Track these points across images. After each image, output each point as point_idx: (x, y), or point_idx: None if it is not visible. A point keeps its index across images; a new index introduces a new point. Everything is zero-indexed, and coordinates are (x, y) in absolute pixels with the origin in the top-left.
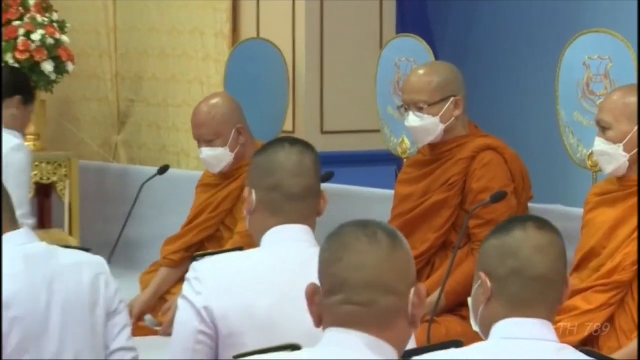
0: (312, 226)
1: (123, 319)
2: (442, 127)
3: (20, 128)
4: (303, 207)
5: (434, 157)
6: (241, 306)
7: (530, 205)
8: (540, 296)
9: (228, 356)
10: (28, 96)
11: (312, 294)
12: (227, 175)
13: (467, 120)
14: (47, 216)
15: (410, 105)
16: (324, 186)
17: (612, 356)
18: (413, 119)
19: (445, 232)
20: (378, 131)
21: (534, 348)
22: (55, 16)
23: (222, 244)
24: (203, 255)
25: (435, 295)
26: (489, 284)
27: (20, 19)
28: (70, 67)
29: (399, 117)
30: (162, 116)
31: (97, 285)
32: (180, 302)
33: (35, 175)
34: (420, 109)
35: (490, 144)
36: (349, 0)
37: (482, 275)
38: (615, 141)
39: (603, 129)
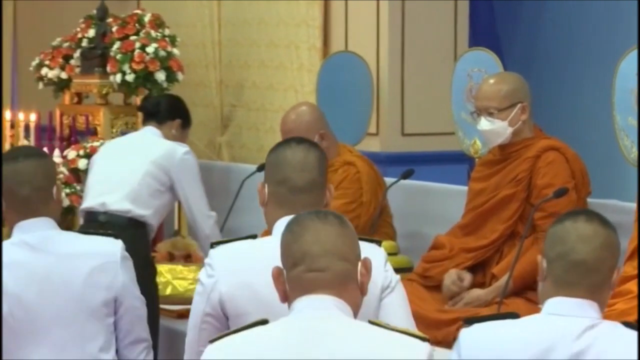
0: None
1: (132, 309)
2: (510, 130)
3: None
4: (307, 199)
5: (503, 156)
6: (244, 286)
7: (589, 200)
8: (581, 279)
9: None
10: (186, 121)
11: (278, 275)
12: None
13: (532, 123)
14: None
15: (482, 111)
16: (405, 182)
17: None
18: (485, 123)
19: (513, 224)
20: (452, 133)
21: (572, 322)
22: (167, 31)
23: None
24: (219, 243)
25: (504, 279)
26: (544, 265)
27: (137, 34)
28: (180, 76)
29: (471, 122)
30: (261, 120)
31: (94, 276)
32: (197, 285)
33: None
34: (490, 114)
35: (553, 145)
36: (427, 16)
37: (539, 257)
38: None
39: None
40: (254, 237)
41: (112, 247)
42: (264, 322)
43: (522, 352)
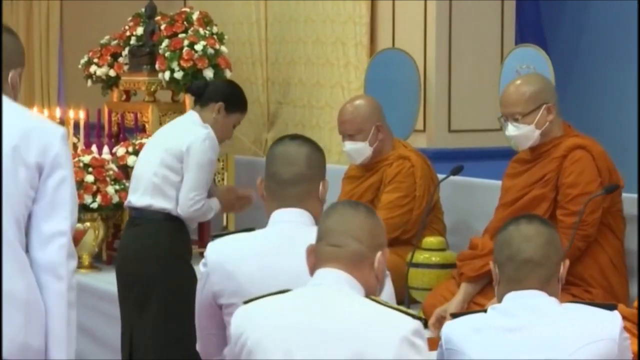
0: (311, 208)
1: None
2: (538, 132)
3: (219, 133)
4: (294, 191)
5: (534, 156)
6: (230, 277)
7: (632, 195)
8: (531, 275)
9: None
10: (231, 104)
11: (310, 252)
12: (368, 168)
13: (561, 121)
14: None
15: (507, 117)
16: (454, 178)
17: None
18: (512, 129)
19: None
20: (499, 130)
21: (536, 304)
22: (215, 29)
23: None
24: (218, 236)
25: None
26: (496, 270)
27: (185, 31)
28: (227, 73)
29: None
30: (307, 116)
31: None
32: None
33: None
34: (516, 120)
35: (580, 143)
36: (474, 14)
37: (491, 264)
38: None
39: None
40: (251, 229)
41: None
42: (285, 291)
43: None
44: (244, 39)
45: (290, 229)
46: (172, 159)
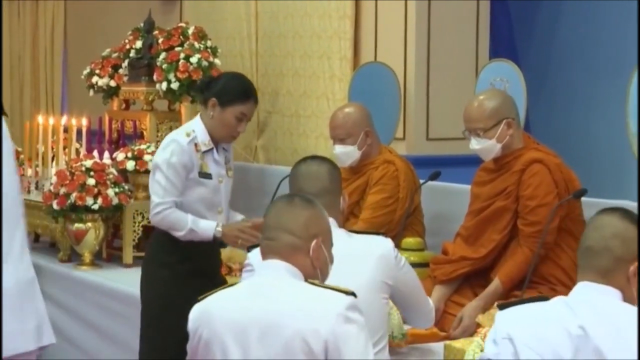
0: (334, 217)
1: None
2: (499, 145)
3: (220, 130)
4: (322, 203)
5: (497, 167)
6: None
7: (600, 200)
8: (587, 263)
9: None
10: (224, 98)
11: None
12: (355, 171)
13: (521, 133)
14: None
15: (470, 132)
16: (432, 183)
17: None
18: (475, 143)
19: (508, 233)
20: None
21: (596, 301)
22: (209, 43)
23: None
24: (254, 247)
25: (492, 286)
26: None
27: (181, 45)
28: None
29: None
30: (295, 125)
31: None
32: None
33: None
34: (478, 135)
35: (537, 157)
36: (451, 30)
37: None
38: None
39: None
40: None
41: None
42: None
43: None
44: (236, 53)
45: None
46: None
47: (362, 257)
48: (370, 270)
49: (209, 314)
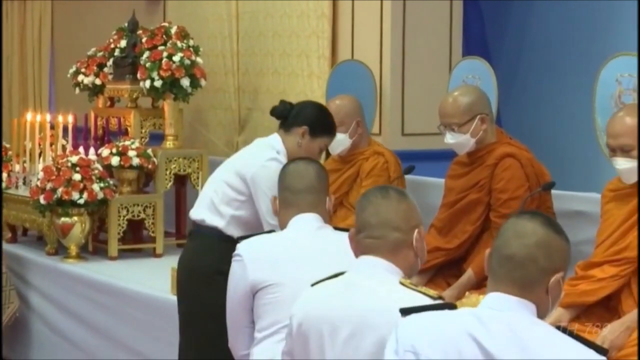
0: (322, 214)
1: None
2: (473, 140)
3: (292, 154)
4: (308, 199)
5: (471, 161)
6: (268, 262)
7: (569, 193)
8: (508, 273)
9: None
10: (316, 128)
11: (352, 236)
12: (346, 160)
13: (494, 128)
14: (182, 200)
15: (445, 127)
16: (407, 177)
17: (627, 317)
18: (449, 137)
19: (480, 224)
20: None
21: (508, 319)
22: (191, 42)
23: (337, 222)
24: (244, 237)
25: (465, 277)
26: (489, 260)
27: (164, 44)
28: (202, 82)
29: None
30: (274, 122)
31: None
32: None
33: (174, 168)
34: (453, 130)
35: (509, 152)
36: (426, 29)
37: (487, 251)
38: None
39: (625, 151)
40: (272, 231)
41: None
42: (340, 274)
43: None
44: (217, 52)
45: (310, 228)
46: (235, 178)
47: (346, 253)
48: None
49: (308, 307)
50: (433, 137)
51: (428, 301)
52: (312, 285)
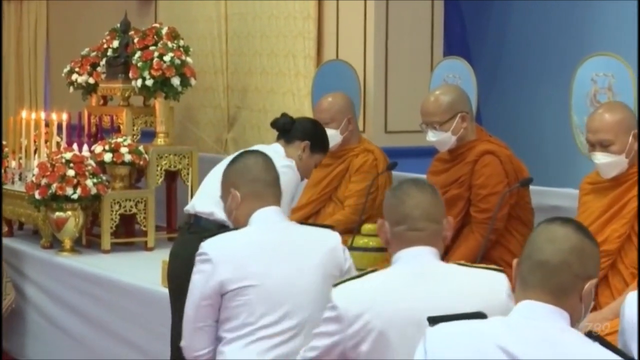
0: (283, 208)
1: None
2: (454, 138)
3: (301, 172)
4: (276, 192)
5: (452, 157)
6: (237, 263)
7: (546, 188)
8: (543, 280)
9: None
10: (317, 145)
11: (381, 226)
12: (336, 156)
13: (474, 126)
14: (173, 195)
15: (427, 125)
16: (390, 173)
17: (606, 309)
18: (431, 135)
19: (461, 219)
20: None
21: (540, 327)
22: (181, 42)
23: (326, 217)
24: (210, 236)
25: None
26: (517, 269)
27: (155, 44)
28: (192, 81)
29: None
30: (262, 120)
31: None
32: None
33: (165, 164)
34: (434, 128)
35: (489, 149)
36: (408, 30)
37: (515, 261)
38: (619, 152)
39: (604, 146)
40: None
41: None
42: (374, 270)
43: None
44: (207, 52)
45: (275, 223)
46: None
47: (314, 248)
48: (322, 260)
49: (371, 303)
50: (415, 135)
51: (501, 276)
52: (341, 282)
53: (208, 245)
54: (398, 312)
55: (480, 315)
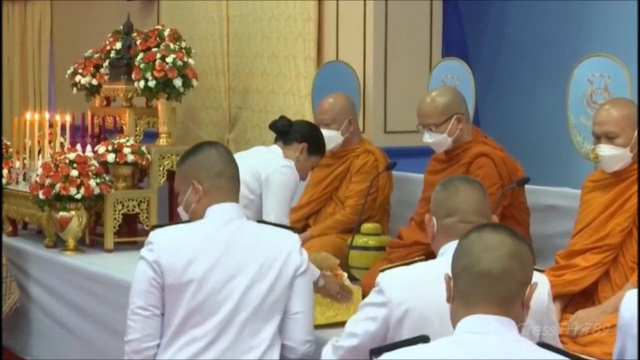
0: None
1: None
2: (450, 139)
3: (299, 173)
4: (237, 187)
5: (448, 158)
6: (179, 256)
7: (543, 188)
8: (488, 292)
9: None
10: (314, 147)
11: (429, 220)
12: (337, 157)
13: (470, 127)
14: (175, 196)
15: (424, 127)
16: (390, 172)
17: (605, 303)
18: (427, 137)
19: None
20: None
21: (492, 341)
22: (183, 44)
23: (326, 216)
24: (159, 226)
25: None
26: (450, 284)
27: (157, 46)
28: (194, 82)
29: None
30: (263, 120)
31: None
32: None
33: (167, 164)
34: (431, 129)
35: (483, 151)
36: (407, 31)
37: (445, 276)
38: (624, 146)
39: (610, 138)
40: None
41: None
42: (422, 259)
43: None
44: (208, 53)
45: (234, 223)
46: (250, 177)
47: (265, 248)
48: (271, 261)
49: (416, 290)
50: (414, 135)
51: (538, 275)
52: (384, 269)
53: (155, 235)
54: (440, 301)
55: (423, 339)
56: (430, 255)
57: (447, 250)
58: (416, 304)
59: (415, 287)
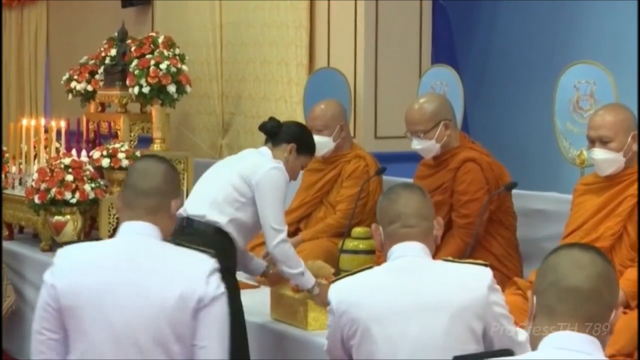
0: (160, 222)
1: None
2: (438, 145)
3: (288, 173)
4: (148, 203)
5: (436, 163)
6: (74, 283)
7: (530, 192)
8: (576, 309)
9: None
10: (303, 147)
11: (375, 230)
12: (329, 162)
13: (458, 133)
14: None
15: (412, 134)
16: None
17: None
18: (416, 143)
19: (445, 224)
20: None
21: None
22: (177, 51)
23: (317, 220)
24: (67, 244)
25: None
26: (533, 301)
27: (151, 53)
28: (188, 89)
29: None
30: (256, 125)
31: None
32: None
33: None
34: (419, 136)
35: (470, 157)
36: (397, 38)
37: (529, 293)
38: (617, 150)
39: (604, 142)
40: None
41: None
42: (371, 267)
43: None
44: (202, 60)
45: (140, 243)
46: (239, 180)
47: (168, 272)
48: (171, 285)
49: (357, 297)
50: (403, 140)
51: (485, 270)
52: (337, 279)
53: (60, 252)
54: (382, 305)
55: (507, 353)
56: None
57: (392, 253)
58: (359, 311)
59: (357, 294)
